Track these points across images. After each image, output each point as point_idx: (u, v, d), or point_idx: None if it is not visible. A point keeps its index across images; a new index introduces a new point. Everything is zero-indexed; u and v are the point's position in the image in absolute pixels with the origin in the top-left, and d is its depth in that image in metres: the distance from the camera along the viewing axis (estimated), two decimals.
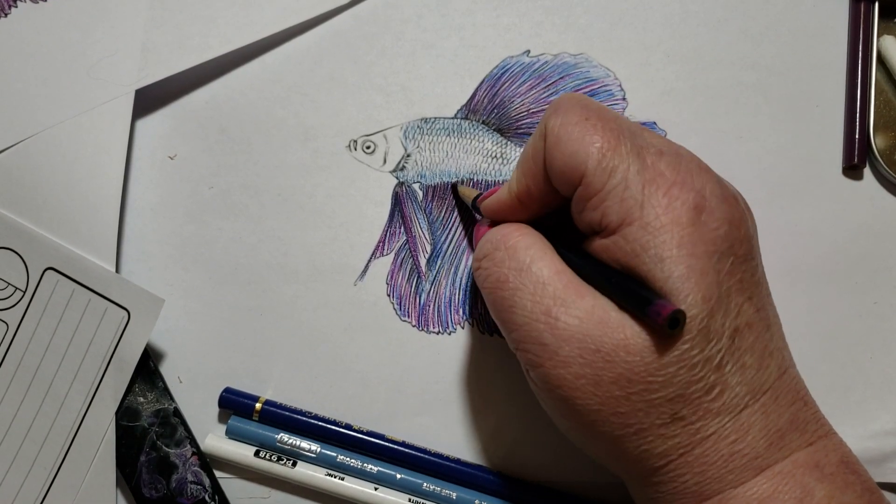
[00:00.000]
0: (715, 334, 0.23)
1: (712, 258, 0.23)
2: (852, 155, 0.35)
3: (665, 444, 0.24)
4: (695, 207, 0.23)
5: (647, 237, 0.23)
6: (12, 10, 0.35)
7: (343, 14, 0.36)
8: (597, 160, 0.24)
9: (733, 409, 0.24)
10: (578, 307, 0.24)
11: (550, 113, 0.26)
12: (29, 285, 0.33)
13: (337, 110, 0.36)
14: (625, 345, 0.23)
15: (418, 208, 0.35)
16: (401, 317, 0.35)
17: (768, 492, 0.23)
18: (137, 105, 0.35)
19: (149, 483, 0.32)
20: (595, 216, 0.25)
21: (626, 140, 0.24)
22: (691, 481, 0.24)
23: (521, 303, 0.25)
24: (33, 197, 0.34)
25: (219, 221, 0.35)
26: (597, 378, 0.23)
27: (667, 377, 0.23)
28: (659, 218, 0.23)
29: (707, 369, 0.23)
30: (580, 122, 0.25)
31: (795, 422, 0.24)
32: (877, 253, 0.34)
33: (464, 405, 0.34)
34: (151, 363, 0.34)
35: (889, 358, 0.34)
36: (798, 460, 0.24)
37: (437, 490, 0.32)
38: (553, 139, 0.25)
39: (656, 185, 0.24)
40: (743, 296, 0.24)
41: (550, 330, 0.24)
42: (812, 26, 0.36)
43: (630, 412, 0.23)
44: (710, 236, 0.23)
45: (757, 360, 0.24)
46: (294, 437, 0.33)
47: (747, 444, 0.24)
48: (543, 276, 0.25)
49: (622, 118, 0.26)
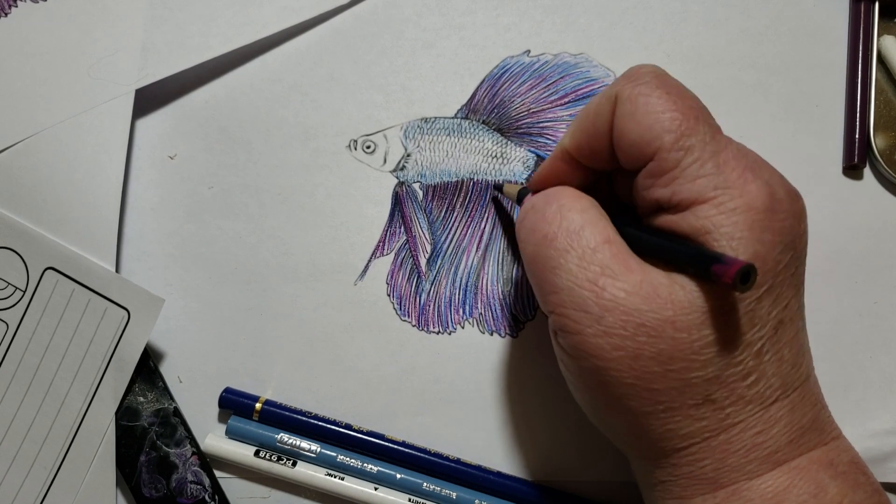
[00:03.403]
0: (760, 320, 0.23)
1: (776, 248, 0.23)
2: (852, 155, 0.35)
3: (692, 426, 0.24)
4: (768, 195, 0.23)
5: (720, 216, 0.23)
6: (12, 9, 0.35)
7: (343, 14, 0.36)
8: (675, 137, 0.24)
9: (765, 401, 0.24)
10: (626, 280, 0.23)
11: (625, 80, 0.25)
12: (29, 285, 0.33)
13: (337, 110, 0.36)
14: (672, 321, 0.23)
15: (418, 208, 0.35)
16: (401, 316, 0.35)
17: (784, 485, 0.23)
18: (137, 105, 0.35)
19: (149, 483, 0.32)
20: (665, 193, 0.24)
21: (704, 121, 0.24)
22: (709, 467, 0.24)
23: (567, 266, 0.24)
24: (33, 197, 0.34)
25: (219, 221, 0.35)
26: (637, 352, 0.23)
27: (708, 356, 0.23)
28: (734, 199, 0.23)
29: (747, 354, 0.23)
30: (661, 94, 0.24)
31: (816, 422, 0.25)
32: (877, 253, 0.34)
33: (463, 405, 0.34)
34: (151, 363, 0.34)
35: (889, 358, 0.34)
36: (813, 457, 0.24)
37: (437, 490, 0.32)
38: (628, 107, 0.25)
39: (731, 168, 0.23)
40: (792, 290, 0.24)
41: (595, 298, 0.24)
42: (812, 26, 0.36)
43: (664, 389, 0.23)
44: (778, 226, 0.23)
45: (794, 356, 0.24)
46: (294, 436, 0.33)
47: (771, 438, 0.24)
48: (594, 242, 0.24)
49: (697, 98, 0.25)
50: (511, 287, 0.35)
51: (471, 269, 0.35)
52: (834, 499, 0.23)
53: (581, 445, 0.33)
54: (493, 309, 0.34)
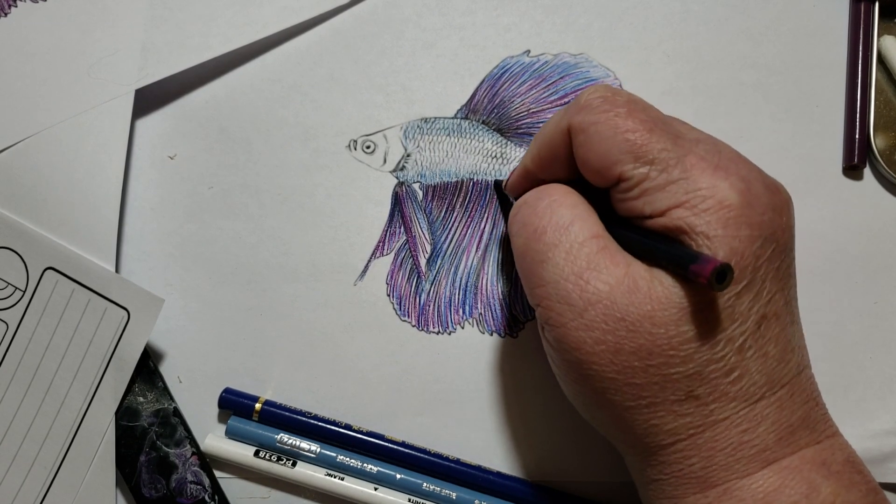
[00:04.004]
0: (740, 316, 0.23)
1: (755, 242, 0.23)
2: (852, 155, 0.35)
3: (676, 423, 0.24)
4: (741, 191, 0.23)
5: (692, 217, 0.23)
6: (12, 9, 0.35)
7: (343, 14, 0.36)
8: (634, 156, 0.24)
9: (750, 398, 0.24)
10: (611, 273, 0.24)
11: (575, 110, 0.26)
12: (29, 285, 0.33)
13: (337, 110, 0.36)
14: (650, 316, 0.23)
15: (418, 208, 0.35)
16: (401, 317, 0.35)
17: (775, 485, 0.23)
18: (137, 105, 0.35)
19: (148, 483, 0.32)
20: (638, 205, 0.24)
21: (660, 130, 0.24)
22: (698, 465, 0.24)
23: (554, 259, 0.25)
24: (33, 197, 0.34)
25: (219, 221, 0.35)
26: (617, 346, 0.23)
27: (688, 352, 0.23)
28: (706, 200, 0.23)
29: (728, 350, 0.23)
30: (610, 119, 0.25)
31: (807, 420, 0.24)
32: (877, 253, 0.34)
33: (463, 405, 0.34)
34: (151, 363, 0.34)
35: (889, 358, 0.34)
36: (805, 457, 0.24)
37: (437, 490, 0.32)
38: (582, 139, 0.25)
39: (700, 169, 0.24)
40: (776, 285, 0.24)
41: (580, 291, 0.24)
42: (812, 26, 0.36)
43: (645, 384, 0.24)
44: (756, 220, 0.23)
45: (780, 352, 0.24)
46: (294, 437, 0.33)
47: (757, 436, 0.24)
48: (583, 236, 0.25)
49: (651, 107, 0.25)
50: (511, 287, 0.35)
51: (471, 270, 0.35)
52: (826, 499, 0.23)
53: (580, 445, 0.33)
54: (492, 309, 0.34)
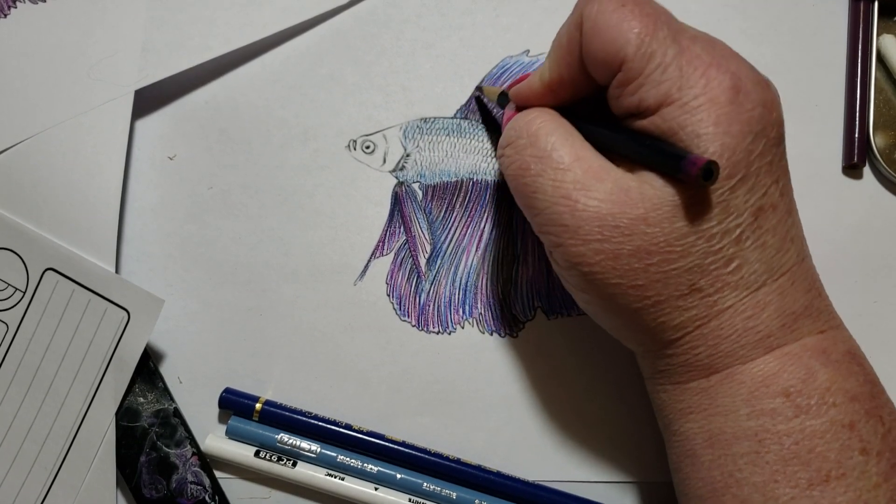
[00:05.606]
0: (735, 209, 0.24)
1: (746, 138, 0.24)
2: (852, 154, 0.35)
3: (682, 316, 0.25)
4: (731, 88, 0.24)
5: (684, 116, 0.24)
6: (12, 10, 0.35)
7: (343, 14, 0.36)
8: (636, 46, 0.24)
9: (751, 286, 0.25)
10: (598, 190, 0.25)
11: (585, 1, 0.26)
12: (29, 286, 0.33)
13: (337, 110, 0.36)
14: (644, 217, 0.24)
15: (418, 208, 0.35)
16: (401, 317, 0.35)
17: (774, 369, 0.24)
18: (137, 105, 0.35)
19: (149, 483, 0.32)
20: (633, 100, 0.25)
21: (663, 25, 0.25)
22: (704, 353, 0.25)
23: (543, 188, 0.26)
24: (33, 197, 0.34)
25: (219, 221, 0.35)
26: (616, 252, 0.24)
27: (685, 247, 0.24)
28: (697, 98, 0.24)
29: (726, 241, 0.24)
30: (617, 8, 0.25)
31: (809, 309, 0.25)
32: (877, 253, 0.34)
33: (463, 405, 0.34)
34: (151, 363, 0.34)
35: (889, 358, 0.34)
36: (807, 344, 0.25)
37: (437, 490, 0.32)
38: (590, 27, 0.26)
39: (693, 67, 0.24)
40: (771, 178, 0.25)
41: (570, 212, 0.25)
42: (812, 26, 0.36)
43: (648, 284, 0.25)
44: (746, 116, 0.24)
45: (778, 242, 0.25)
46: (294, 437, 0.33)
47: (762, 322, 0.25)
48: (564, 162, 0.26)
49: (656, 3, 0.26)
50: (511, 287, 0.35)
51: (470, 269, 0.35)
52: (822, 384, 0.24)
53: (581, 445, 0.33)
54: (492, 309, 0.35)
